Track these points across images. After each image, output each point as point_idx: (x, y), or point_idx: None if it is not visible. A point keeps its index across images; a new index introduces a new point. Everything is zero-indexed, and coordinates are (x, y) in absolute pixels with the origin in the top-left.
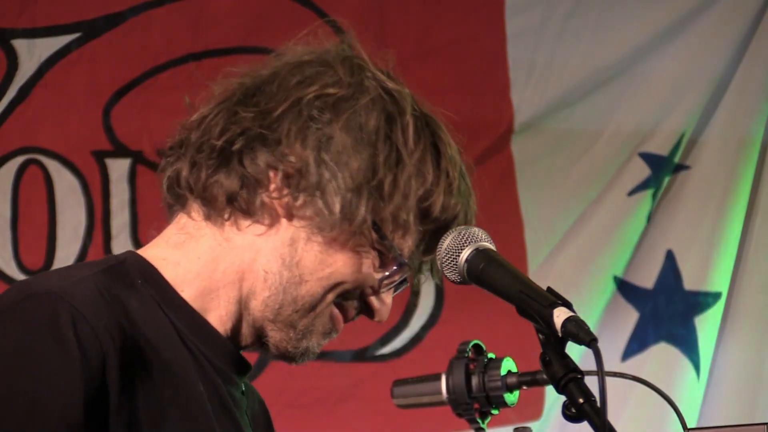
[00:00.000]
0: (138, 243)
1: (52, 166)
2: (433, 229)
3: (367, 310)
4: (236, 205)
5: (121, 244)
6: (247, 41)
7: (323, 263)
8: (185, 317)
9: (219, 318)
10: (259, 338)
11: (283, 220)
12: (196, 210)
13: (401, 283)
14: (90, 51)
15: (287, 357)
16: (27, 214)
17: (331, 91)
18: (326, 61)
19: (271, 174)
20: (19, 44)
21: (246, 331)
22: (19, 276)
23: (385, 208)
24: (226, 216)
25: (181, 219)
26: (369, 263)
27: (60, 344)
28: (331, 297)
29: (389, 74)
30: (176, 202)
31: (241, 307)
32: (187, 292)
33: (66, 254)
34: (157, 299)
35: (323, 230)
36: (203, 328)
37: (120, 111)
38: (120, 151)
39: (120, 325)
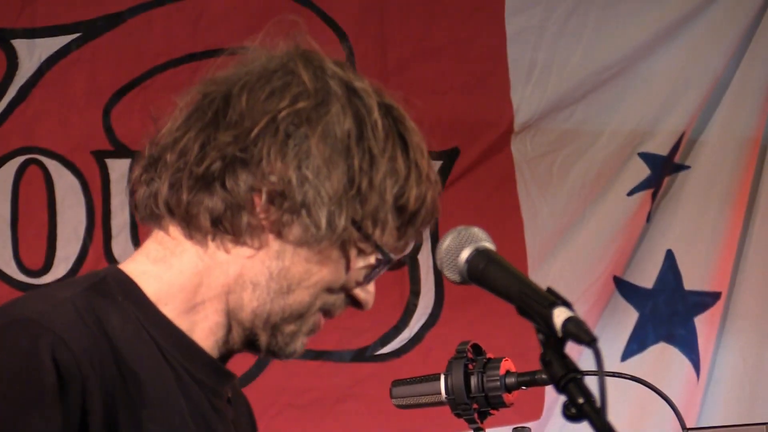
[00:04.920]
0: (138, 243)
1: (52, 166)
2: (408, 220)
3: (354, 302)
4: (221, 227)
5: (121, 244)
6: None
7: (309, 272)
8: (166, 333)
9: (207, 329)
10: (251, 342)
11: (270, 237)
12: (175, 228)
13: (381, 270)
14: (90, 51)
15: (276, 356)
16: (27, 214)
17: (302, 104)
18: (290, 68)
19: (255, 196)
20: (19, 44)
21: (237, 338)
22: (19, 276)
23: (365, 210)
24: (210, 237)
25: (158, 234)
26: (353, 262)
27: (38, 372)
28: (319, 302)
29: (345, 66)
30: (152, 220)
31: (230, 317)
32: (170, 307)
33: (66, 254)
34: (138, 316)
35: (311, 244)
36: (184, 343)
37: (120, 111)
38: (120, 151)
39: (100, 348)
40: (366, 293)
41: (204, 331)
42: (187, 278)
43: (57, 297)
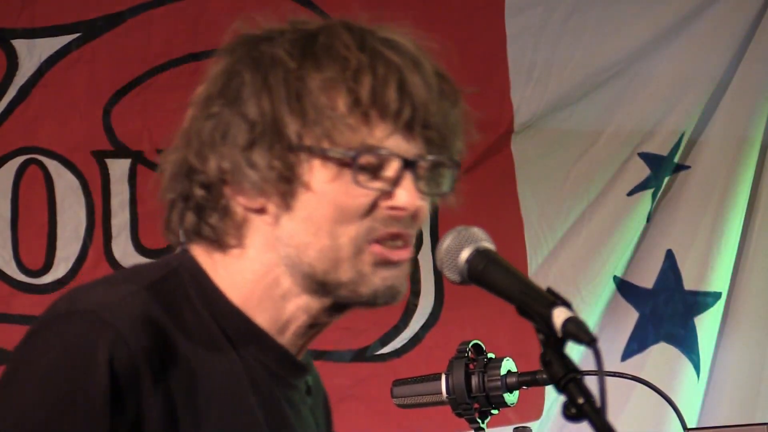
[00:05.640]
0: (138, 243)
1: (52, 166)
2: (379, 114)
3: (395, 211)
4: (208, 235)
5: (121, 244)
6: None
7: (306, 220)
8: (238, 326)
9: (271, 320)
10: (334, 310)
11: (251, 216)
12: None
13: (409, 168)
14: (90, 51)
15: (370, 305)
16: (27, 214)
17: (216, 87)
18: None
19: (224, 198)
20: (19, 44)
21: (311, 315)
22: (19, 276)
23: (296, 129)
24: (216, 246)
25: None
26: (344, 183)
27: (91, 368)
28: (345, 239)
29: (277, 31)
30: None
31: (293, 300)
32: (238, 301)
33: (66, 254)
34: (210, 309)
35: (277, 195)
36: (256, 335)
37: (120, 111)
38: (120, 151)
39: (162, 346)
40: (401, 197)
41: (269, 321)
42: (240, 279)
43: (125, 288)
